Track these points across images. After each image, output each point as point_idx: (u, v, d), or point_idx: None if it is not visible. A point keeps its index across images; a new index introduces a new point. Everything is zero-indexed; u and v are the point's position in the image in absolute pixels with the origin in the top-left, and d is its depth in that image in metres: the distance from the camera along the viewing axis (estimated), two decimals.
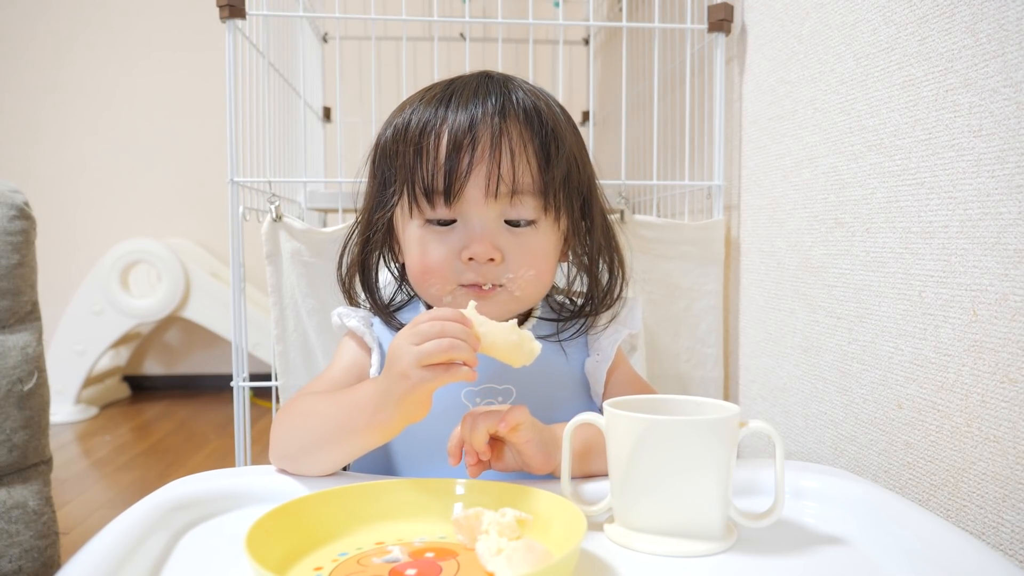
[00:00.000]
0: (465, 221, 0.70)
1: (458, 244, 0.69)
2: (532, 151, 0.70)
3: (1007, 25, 0.62)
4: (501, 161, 0.68)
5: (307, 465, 0.68)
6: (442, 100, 0.71)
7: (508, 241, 0.70)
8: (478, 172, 0.68)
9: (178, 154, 2.93)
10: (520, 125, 0.70)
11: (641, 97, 1.44)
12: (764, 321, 1.06)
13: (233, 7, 1.01)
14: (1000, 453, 0.64)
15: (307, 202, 1.35)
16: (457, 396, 0.73)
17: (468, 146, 0.68)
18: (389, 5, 1.31)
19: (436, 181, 0.69)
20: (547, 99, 0.74)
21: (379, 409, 0.62)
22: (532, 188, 0.70)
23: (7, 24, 2.87)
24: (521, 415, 0.62)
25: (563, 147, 0.71)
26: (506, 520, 0.51)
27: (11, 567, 0.90)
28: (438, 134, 0.69)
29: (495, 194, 0.68)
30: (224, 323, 2.56)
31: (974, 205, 0.66)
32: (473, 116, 0.69)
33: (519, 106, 0.71)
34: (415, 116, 0.72)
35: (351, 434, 0.65)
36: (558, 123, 0.72)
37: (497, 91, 0.71)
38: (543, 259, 0.72)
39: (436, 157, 0.69)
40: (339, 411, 0.66)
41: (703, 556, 0.54)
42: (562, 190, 0.72)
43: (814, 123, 0.92)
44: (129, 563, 0.51)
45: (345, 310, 0.79)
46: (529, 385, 0.71)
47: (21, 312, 0.97)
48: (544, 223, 0.72)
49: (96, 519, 1.61)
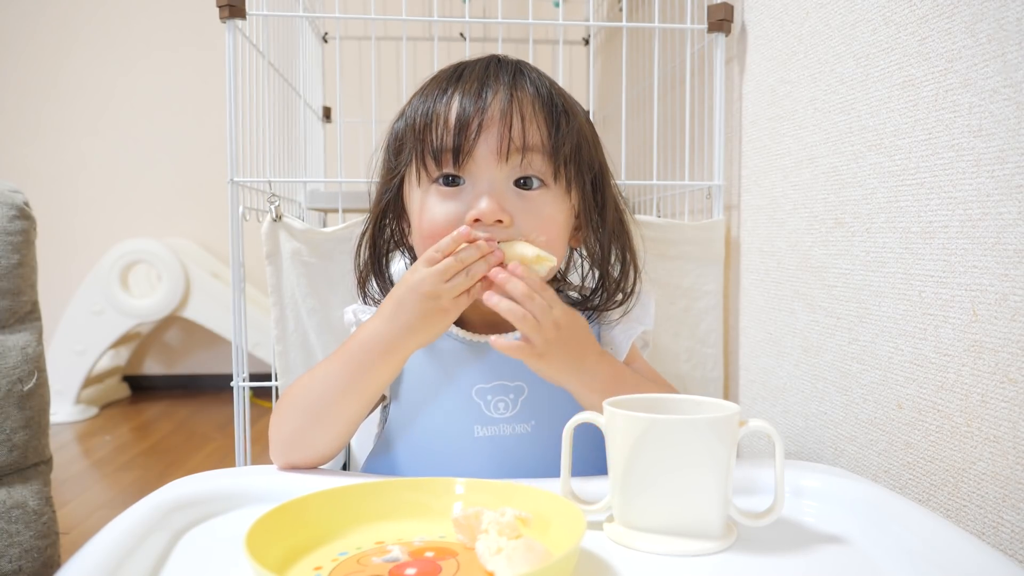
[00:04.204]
0: (473, 182, 0.69)
1: (465, 205, 0.69)
2: (543, 118, 0.70)
3: (1007, 25, 0.62)
4: (512, 124, 0.68)
5: (317, 435, 0.69)
6: (452, 77, 0.72)
7: (517, 204, 0.69)
8: (488, 133, 0.68)
9: (178, 154, 2.93)
10: (531, 96, 0.70)
11: (641, 97, 1.44)
12: (764, 321, 1.06)
13: (233, 7, 1.01)
14: (1000, 453, 0.64)
15: (307, 202, 1.35)
16: (468, 392, 0.73)
17: (478, 111, 0.68)
18: (389, 5, 1.31)
19: (445, 140, 0.69)
20: (560, 87, 0.75)
21: (396, 338, 0.66)
22: (542, 149, 0.69)
23: (7, 24, 2.87)
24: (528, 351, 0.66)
25: (573, 121, 0.72)
26: (505, 519, 0.51)
27: (11, 567, 0.90)
28: (448, 103, 0.70)
29: (506, 154, 0.68)
30: (224, 323, 2.56)
31: (974, 205, 0.66)
32: (484, 87, 0.69)
33: (530, 82, 0.71)
34: (425, 94, 0.72)
35: (364, 375, 0.67)
36: (568, 101, 0.73)
37: (508, 68, 0.72)
38: (554, 226, 0.71)
39: (446, 122, 0.69)
40: (344, 360, 0.68)
41: (703, 555, 0.54)
42: (572, 160, 0.71)
43: (814, 123, 0.92)
44: (129, 563, 0.51)
45: (359, 307, 0.80)
46: (542, 381, 0.70)
47: (21, 312, 0.97)
48: (555, 190, 0.71)
49: (96, 519, 1.61)
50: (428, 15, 1.16)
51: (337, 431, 0.69)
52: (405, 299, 0.66)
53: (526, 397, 0.74)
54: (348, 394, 0.68)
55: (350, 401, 0.69)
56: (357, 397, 0.69)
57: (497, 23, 1.13)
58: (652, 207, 1.35)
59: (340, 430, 0.70)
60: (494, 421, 0.73)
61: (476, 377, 0.74)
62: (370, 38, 1.13)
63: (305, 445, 0.69)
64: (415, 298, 0.66)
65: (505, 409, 0.73)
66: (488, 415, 0.73)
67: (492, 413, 0.73)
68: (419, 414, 0.75)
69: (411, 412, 0.76)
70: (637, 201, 1.43)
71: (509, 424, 0.73)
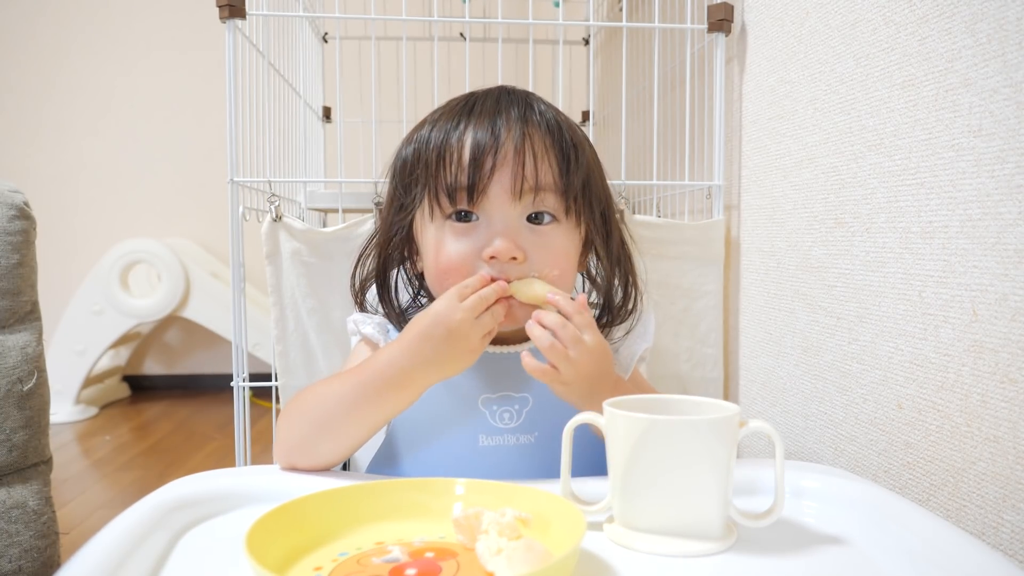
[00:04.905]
0: (487, 219, 0.70)
1: (480, 242, 0.70)
2: (554, 155, 0.71)
3: (1007, 25, 0.62)
4: (525, 163, 0.69)
5: (323, 447, 0.69)
6: (464, 110, 0.72)
7: (531, 240, 0.70)
8: (502, 172, 0.69)
9: (178, 154, 2.93)
10: (542, 132, 0.71)
11: (641, 97, 1.44)
12: (764, 321, 1.06)
13: (233, 7, 1.01)
14: (1000, 453, 0.64)
15: (307, 202, 1.35)
16: (475, 402, 0.74)
17: (492, 149, 0.69)
18: (389, 5, 1.31)
19: (460, 178, 0.69)
20: (566, 116, 0.76)
21: (417, 370, 0.66)
22: (554, 187, 0.71)
23: (7, 24, 2.87)
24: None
25: (582, 156, 0.73)
26: (506, 520, 0.51)
27: (11, 567, 0.90)
28: (461, 138, 0.70)
29: (519, 193, 0.69)
30: (224, 323, 2.56)
31: (974, 205, 0.66)
32: (496, 123, 0.70)
33: (541, 116, 0.72)
34: (437, 126, 0.73)
35: (377, 402, 0.67)
36: (576, 135, 0.74)
37: (519, 102, 0.73)
38: (566, 259, 0.73)
39: (460, 159, 0.70)
40: (359, 381, 0.68)
41: (703, 556, 0.54)
42: (583, 195, 0.73)
43: (814, 123, 0.92)
44: (129, 563, 0.51)
45: (361, 316, 0.80)
46: (546, 393, 0.71)
47: (21, 312, 0.97)
48: (565, 225, 0.72)
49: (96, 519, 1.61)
50: (428, 15, 1.16)
51: (344, 447, 0.70)
52: (432, 333, 0.66)
53: (531, 408, 0.74)
54: (358, 418, 0.68)
55: (360, 424, 0.68)
56: (367, 421, 0.69)
57: (497, 23, 1.13)
58: (652, 207, 1.35)
59: (347, 446, 0.70)
60: (499, 431, 0.74)
61: (482, 387, 0.75)
62: (370, 38, 1.13)
63: (310, 454, 0.69)
64: (442, 333, 0.65)
65: (510, 420, 0.74)
66: (493, 425, 0.74)
67: (497, 423, 0.74)
68: (424, 422, 0.75)
69: (416, 420, 0.76)
70: (637, 201, 1.43)
71: (513, 435, 0.74)
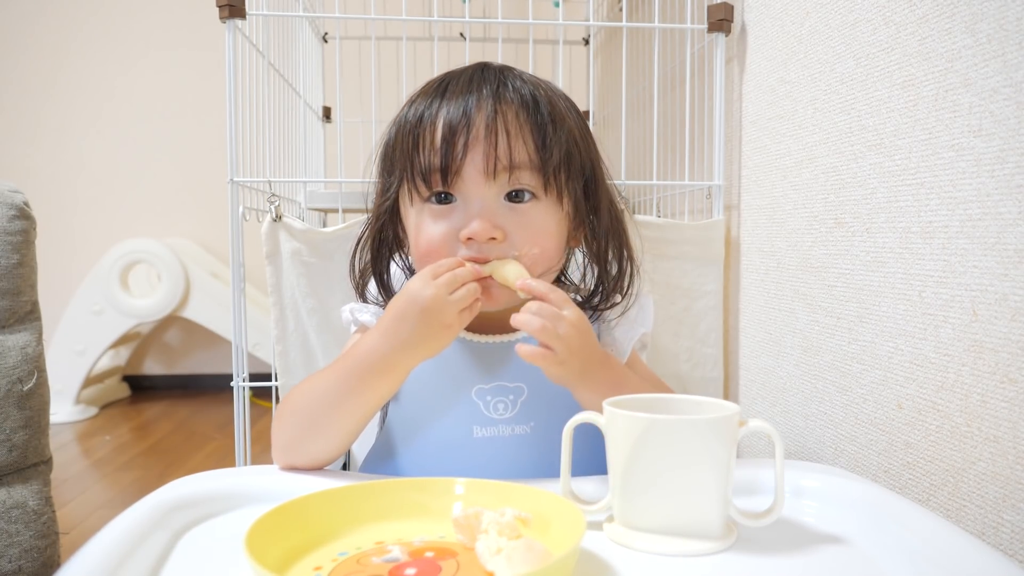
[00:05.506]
0: (465, 200, 0.69)
1: (458, 224, 0.69)
2: (528, 131, 0.69)
3: (1007, 25, 0.62)
4: (498, 142, 0.68)
5: (316, 443, 0.69)
6: (438, 90, 0.72)
7: (509, 219, 0.69)
8: (475, 151, 0.68)
9: (178, 154, 2.93)
10: (516, 108, 0.70)
11: (641, 97, 1.44)
12: (764, 321, 1.06)
13: (233, 7, 1.01)
14: (1000, 453, 0.64)
15: (307, 202, 1.35)
16: (468, 393, 0.74)
17: (463, 128, 0.68)
18: (389, 5, 1.31)
19: (432, 160, 0.69)
20: (547, 86, 0.74)
21: (397, 352, 0.66)
22: (530, 164, 0.69)
23: (7, 24, 2.87)
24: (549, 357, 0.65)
25: (562, 128, 0.71)
26: (505, 519, 0.51)
27: (11, 567, 0.90)
28: (433, 119, 0.70)
29: (493, 172, 0.68)
30: (224, 323, 2.56)
31: (974, 205, 0.66)
32: (468, 101, 0.69)
33: (515, 91, 0.71)
34: (413, 108, 0.72)
35: (361, 391, 0.67)
36: (556, 106, 0.72)
37: (492, 78, 0.71)
38: (547, 237, 0.71)
39: (432, 140, 0.69)
40: (343, 373, 0.68)
41: (703, 555, 0.54)
42: (563, 169, 0.71)
43: (814, 123, 0.92)
44: (129, 563, 0.51)
45: (356, 305, 0.80)
46: (541, 382, 0.70)
47: (21, 312, 0.97)
48: (546, 201, 0.71)
49: (96, 519, 1.61)
50: (428, 15, 1.16)
51: (335, 442, 0.69)
52: (406, 313, 0.65)
53: (525, 398, 0.74)
54: (344, 409, 0.68)
55: (346, 415, 0.68)
56: (354, 412, 0.68)
57: (497, 23, 1.13)
58: (652, 207, 1.35)
59: (338, 440, 0.69)
60: (493, 422, 0.73)
61: (476, 378, 0.74)
62: (370, 38, 1.13)
63: (303, 452, 0.69)
64: (416, 311, 0.65)
65: (505, 410, 0.73)
66: (488, 416, 0.73)
67: (491, 414, 0.73)
68: (419, 414, 0.75)
69: (411, 412, 0.76)
70: (637, 201, 1.43)
71: (508, 425, 0.73)
